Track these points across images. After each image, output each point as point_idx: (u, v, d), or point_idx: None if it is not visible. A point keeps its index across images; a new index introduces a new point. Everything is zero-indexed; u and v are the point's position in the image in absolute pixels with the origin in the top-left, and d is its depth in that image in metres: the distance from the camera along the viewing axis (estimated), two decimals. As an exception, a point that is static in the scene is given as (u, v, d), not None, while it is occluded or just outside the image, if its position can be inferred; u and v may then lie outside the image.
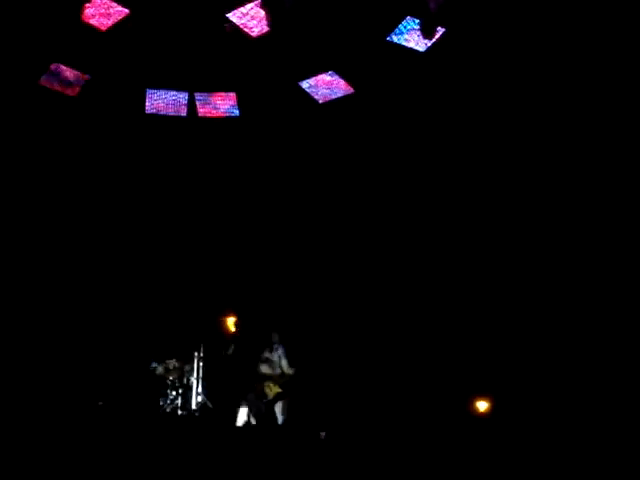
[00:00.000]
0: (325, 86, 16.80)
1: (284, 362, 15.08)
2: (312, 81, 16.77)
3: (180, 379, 15.64)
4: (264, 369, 15.09)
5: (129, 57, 16.38)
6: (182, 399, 15.57)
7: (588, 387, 14.47)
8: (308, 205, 17.38)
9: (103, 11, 15.01)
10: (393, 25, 16.11)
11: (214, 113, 16.97)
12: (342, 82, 16.73)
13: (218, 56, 16.85)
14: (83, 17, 14.89)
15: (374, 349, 16.34)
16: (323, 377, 15.91)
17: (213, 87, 16.92)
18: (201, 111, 16.96)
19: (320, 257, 17.36)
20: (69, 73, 16.08)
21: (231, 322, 16.97)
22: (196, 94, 16.78)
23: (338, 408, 15.18)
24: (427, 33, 15.85)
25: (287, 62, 16.94)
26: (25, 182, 16.82)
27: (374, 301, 16.75)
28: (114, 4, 14.96)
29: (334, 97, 16.78)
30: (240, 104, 16.96)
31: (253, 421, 14.67)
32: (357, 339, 16.24)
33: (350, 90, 16.73)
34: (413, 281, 16.77)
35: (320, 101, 16.84)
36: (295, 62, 16.93)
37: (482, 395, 15.61)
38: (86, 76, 15.99)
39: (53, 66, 15.76)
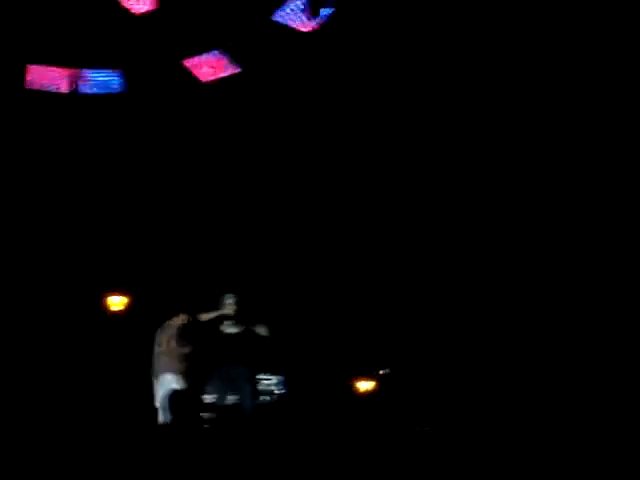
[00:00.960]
0: (209, 65, 16.77)
1: None
2: (196, 60, 16.72)
3: None
4: None
5: (10, 32, 16.07)
6: None
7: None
8: (195, 179, 17.28)
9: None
10: (279, 4, 16.23)
11: (97, 89, 16.74)
12: (227, 61, 16.71)
13: (103, 33, 16.66)
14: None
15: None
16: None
17: (97, 64, 16.70)
18: (82, 88, 16.71)
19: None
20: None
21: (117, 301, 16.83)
22: (79, 70, 16.53)
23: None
24: (313, 13, 15.96)
25: (172, 40, 16.86)
26: None
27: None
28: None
29: (218, 76, 16.74)
30: (125, 81, 16.77)
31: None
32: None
33: (236, 69, 16.72)
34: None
35: (203, 80, 16.78)
36: (180, 40, 16.87)
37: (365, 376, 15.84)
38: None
39: None
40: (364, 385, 16.66)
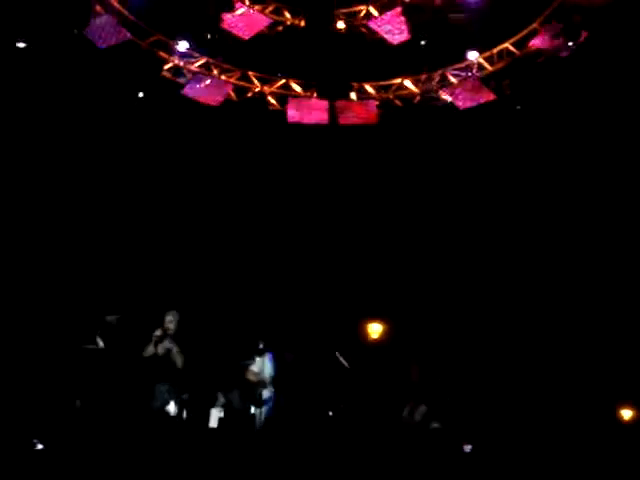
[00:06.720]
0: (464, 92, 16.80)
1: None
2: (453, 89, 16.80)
3: None
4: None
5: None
6: None
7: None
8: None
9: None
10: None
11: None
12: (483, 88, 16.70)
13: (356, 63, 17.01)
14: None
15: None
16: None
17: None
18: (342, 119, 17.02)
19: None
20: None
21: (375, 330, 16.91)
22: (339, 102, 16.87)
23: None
24: (572, 37, 15.73)
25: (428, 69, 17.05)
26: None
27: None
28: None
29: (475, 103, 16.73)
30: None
31: None
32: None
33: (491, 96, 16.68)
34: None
35: (462, 107, 16.80)
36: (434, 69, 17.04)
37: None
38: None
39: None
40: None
